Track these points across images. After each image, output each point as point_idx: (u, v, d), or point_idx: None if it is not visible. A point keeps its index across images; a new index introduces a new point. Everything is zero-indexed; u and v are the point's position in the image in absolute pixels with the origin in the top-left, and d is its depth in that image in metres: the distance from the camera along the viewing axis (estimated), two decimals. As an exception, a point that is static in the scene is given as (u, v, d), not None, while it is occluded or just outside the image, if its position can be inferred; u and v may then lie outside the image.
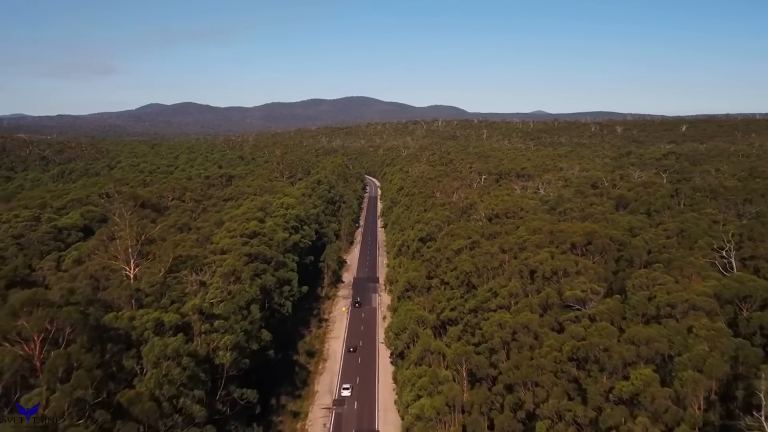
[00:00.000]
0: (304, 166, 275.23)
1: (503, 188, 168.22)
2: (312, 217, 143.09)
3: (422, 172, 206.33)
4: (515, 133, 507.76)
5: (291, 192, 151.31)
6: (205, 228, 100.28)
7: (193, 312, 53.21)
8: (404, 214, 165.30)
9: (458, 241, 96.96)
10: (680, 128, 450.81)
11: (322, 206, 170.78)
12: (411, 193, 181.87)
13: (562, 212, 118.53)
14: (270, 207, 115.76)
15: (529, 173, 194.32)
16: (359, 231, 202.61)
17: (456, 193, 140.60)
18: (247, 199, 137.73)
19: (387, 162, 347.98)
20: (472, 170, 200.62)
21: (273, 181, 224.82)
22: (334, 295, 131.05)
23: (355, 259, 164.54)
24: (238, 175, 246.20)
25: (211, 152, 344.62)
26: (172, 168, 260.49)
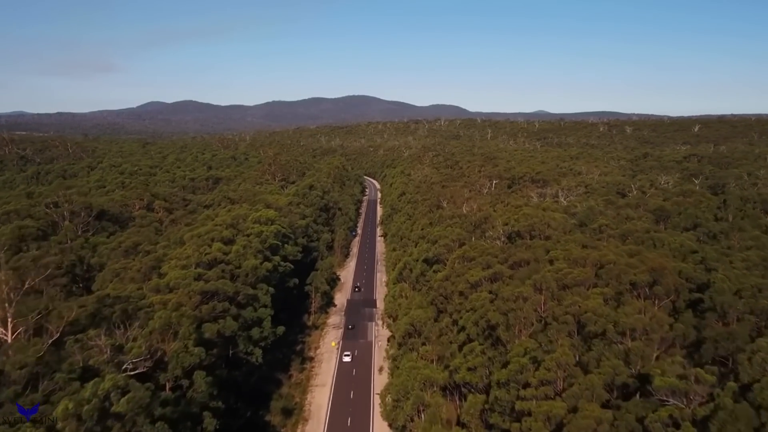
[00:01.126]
0: (298, 167, 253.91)
1: (518, 196, 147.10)
2: (300, 230, 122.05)
3: (426, 176, 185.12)
4: (520, 132, 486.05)
5: (276, 200, 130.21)
6: (158, 252, 79.02)
7: (65, 419, 32.21)
8: (406, 224, 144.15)
9: (475, 270, 75.87)
10: (692, 128, 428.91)
11: (314, 215, 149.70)
12: (413, 200, 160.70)
13: (597, 230, 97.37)
14: (243, 223, 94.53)
15: (544, 178, 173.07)
16: (356, 240, 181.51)
17: (467, 204, 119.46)
18: (222, 210, 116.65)
19: (388, 163, 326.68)
20: (482, 174, 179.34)
21: (262, 185, 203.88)
22: (323, 324, 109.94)
23: (350, 275, 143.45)
24: (226, 177, 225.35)
25: (202, 152, 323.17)
26: (157, 169, 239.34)
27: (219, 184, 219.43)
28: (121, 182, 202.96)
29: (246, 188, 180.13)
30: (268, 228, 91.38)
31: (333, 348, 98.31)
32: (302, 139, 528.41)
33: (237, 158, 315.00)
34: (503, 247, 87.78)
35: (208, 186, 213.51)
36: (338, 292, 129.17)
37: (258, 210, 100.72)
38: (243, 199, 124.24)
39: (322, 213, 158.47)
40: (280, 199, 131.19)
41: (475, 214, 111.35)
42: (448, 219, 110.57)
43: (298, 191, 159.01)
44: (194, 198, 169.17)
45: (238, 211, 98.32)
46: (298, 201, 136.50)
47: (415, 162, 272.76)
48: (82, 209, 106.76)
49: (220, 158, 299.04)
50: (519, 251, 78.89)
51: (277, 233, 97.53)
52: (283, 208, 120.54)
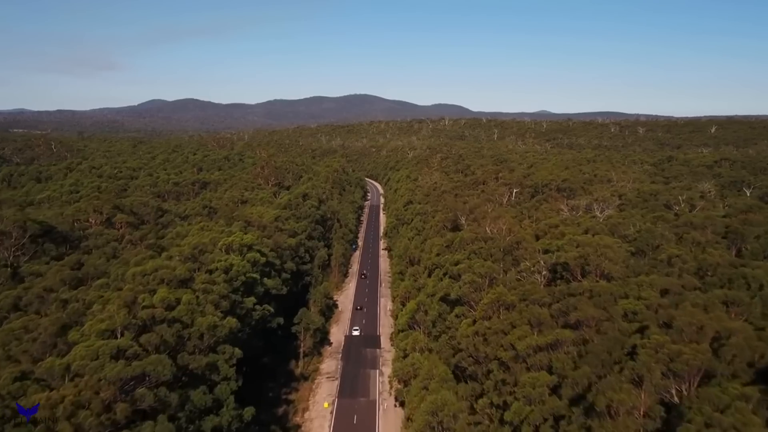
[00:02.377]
0: (294, 170, 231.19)
1: (546, 209, 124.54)
2: (288, 252, 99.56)
3: (435, 183, 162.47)
4: (528, 133, 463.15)
5: (261, 215, 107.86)
6: (75, 305, 56.02)
7: None
8: (415, 241, 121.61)
9: (520, 330, 53.56)
10: (709, 130, 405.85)
11: (308, 229, 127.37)
12: (423, 212, 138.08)
13: (666, 261, 74.92)
14: (211, 252, 71.94)
15: (570, 186, 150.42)
16: (357, 254, 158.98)
17: (491, 221, 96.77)
18: (195, 227, 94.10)
19: (391, 165, 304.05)
20: (500, 181, 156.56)
21: (253, 190, 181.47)
22: (315, 372, 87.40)
23: (348, 301, 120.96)
24: (215, 181, 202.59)
25: (194, 152, 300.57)
26: (140, 171, 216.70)
27: (206, 188, 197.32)
28: (97, 186, 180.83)
29: (232, 195, 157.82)
30: (240, 261, 68.77)
31: (326, 409, 75.97)
32: (302, 138, 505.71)
33: (231, 159, 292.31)
34: (551, 291, 65.24)
35: (194, 191, 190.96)
36: (335, 325, 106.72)
37: (231, 234, 77.98)
38: (223, 213, 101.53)
39: (317, 226, 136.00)
40: (265, 213, 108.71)
41: (504, 237, 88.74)
42: (470, 243, 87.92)
43: (290, 201, 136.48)
44: (172, 208, 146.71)
45: (201, 238, 75.62)
46: (287, 215, 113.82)
47: (422, 165, 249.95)
48: (13, 228, 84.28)
49: (212, 159, 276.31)
50: (580, 303, 56.19)
51: (254, 263, 75.06)
52: (267, 226, 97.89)
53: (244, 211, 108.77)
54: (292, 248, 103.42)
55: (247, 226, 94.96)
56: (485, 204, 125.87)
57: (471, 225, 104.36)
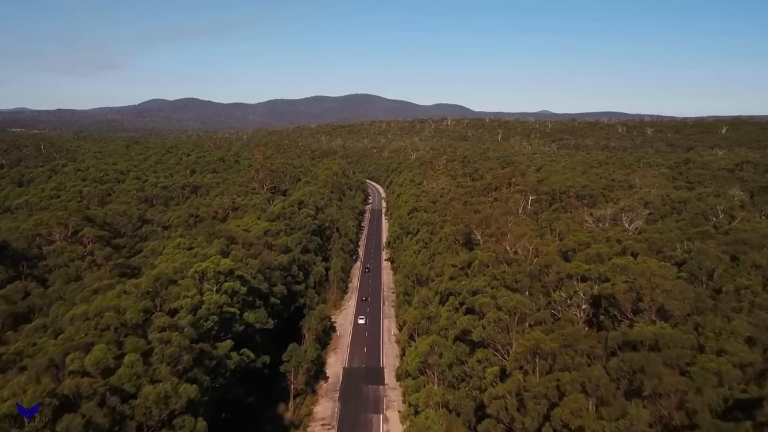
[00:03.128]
0: (292, 172, 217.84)
1: (569, 220, 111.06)
2: (279, 273, 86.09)
3: (443, 189, 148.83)
4: (533, 133, 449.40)
5: (248, 228, 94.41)
6: None
7: None
8: (422, 256, 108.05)
9: (574, 399, 40.10)
10: (719, 130, 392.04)
11: (303, 242, 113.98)
12: (430, 222, 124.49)
13: (733, 294, 61.36)
14: (175, 287, 58.28)
15: (590, 192, 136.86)
16: (357, 266, 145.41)
17: (513, 238, 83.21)
18: (171, 246, 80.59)
19: (393, 167, 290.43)
20: (513, 187, 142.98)
21: (246, 195, 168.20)
22: (307, 417, 73.80)
23: (348, 323, 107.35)
24: (206, 184, 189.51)
25: (188, 153, 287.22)
26: (128, 174, 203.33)
27: (197, 192, 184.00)
28: (79, 191, 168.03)
29: (222, 202, 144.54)
30: (212, 297, 55.25)
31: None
32: (302, 138, 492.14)
33: (226, 160, 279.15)
34: (601, 338, 51.78)
35: (183, 196, 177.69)
36: (332, 353, 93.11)
37: (207, 258, 64.27)
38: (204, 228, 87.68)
39: (314, 237, 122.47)
40: (253, 227, 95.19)
41: (529, 259, 75.22)
42: (490, 266, 74.37)
43: (284, 209, 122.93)
44: (156, 216, 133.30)
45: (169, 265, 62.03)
46: (279, 228, 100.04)
47: (425, 167, 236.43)
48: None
49: (206, 161, 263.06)
50: (649, 363, 42.59)
51: (234, 294, 61.56)
52: (255, 243, 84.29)
53: (229, 226, 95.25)
54: (283, 267, 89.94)
55: (230, 244, 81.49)
56: (500, 214, 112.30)
57: (487, 241, 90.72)
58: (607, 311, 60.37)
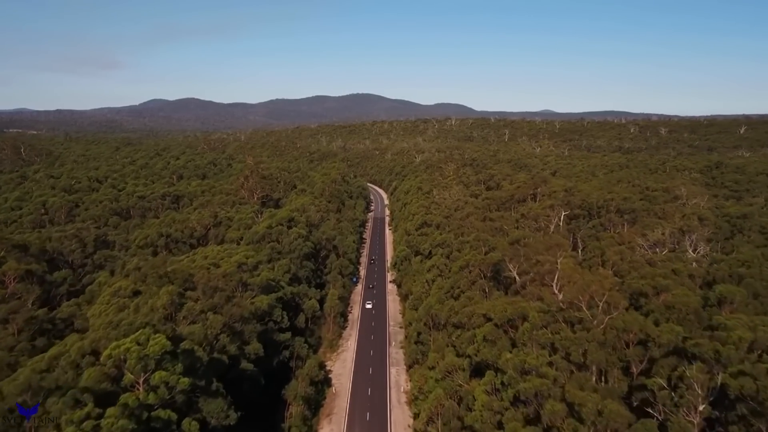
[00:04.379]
0: (287, 179, 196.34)
1: (615, 243, 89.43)
2: (252, 326, 64.52)
3: (457, 201, 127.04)
4: (540, 133, 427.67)
5: (220, 258, 72.86)
6: None
7: None
8: (437, 290, 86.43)
9: None
10: (737, 130, 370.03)
11: (292, 270, 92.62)
12: (445, 243, 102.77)
13: None
14: (59, 400, 36.74)
15: (632, 206, 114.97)
16: (358, 290, 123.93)
17: (563, 279, 61.73)
18: (106, 295, 59.08)
19: (397, 170, 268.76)
20: (539, 198, 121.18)
21: (233, 207, 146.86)
22: None
23: (347, 372, 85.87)
24: (190, 193, 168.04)
25: (177, 157, 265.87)
26: (105, 182, 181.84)
27: (180, 203, 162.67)
28: (43, 203, 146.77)
29: (201, 217, 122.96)
30: (115, 424, 33.67)
31: None
32: (301, 139, 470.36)
33: (218, 164, 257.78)
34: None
35: (164, 207, 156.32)
36: (325, 421, 71.66)
37: (132, 338, 42.33)
38: (151, 268, 65.58)
39: (306, 262, 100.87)
40: (225, 260, 73.54)
41: (598, 316, 53.62)
42: (542, 327, 52.72)
43: (270, 228, 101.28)
44: (119, 237, 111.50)
45: (71, 346, 40.48)
46: (258, 260, 77.93)
47: (432, 171, 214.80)
48: None
49: (195, 164, 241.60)
50: None
51: (171, 388, 40.06)
52: (220, 288, 62.51)
53: (195, 257, 73.54)
54: (261, 314, 68.47)
55: (187, 290, 59.94)
56: (535, 237, 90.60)
57: (526, 279, 69.05)
58: (742, 416, 38.74)
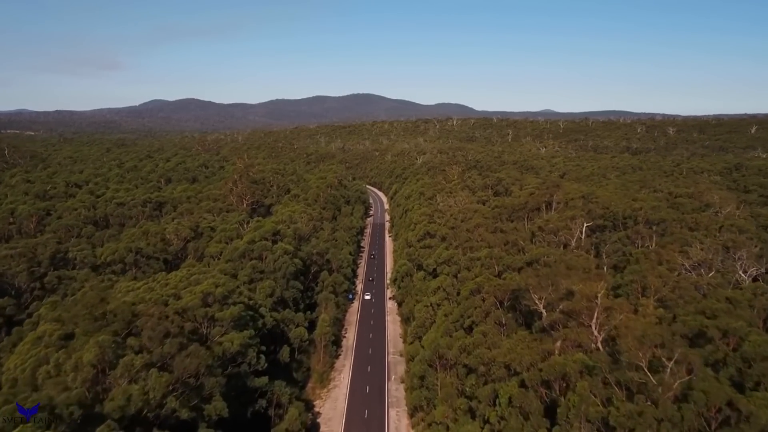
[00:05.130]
0: (280, 182, 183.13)
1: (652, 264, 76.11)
2: (216, 379, 51.19)
3: (466, 210, 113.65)
4: (545, 133, 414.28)
5: (181, 287, 59.62)
6: None
7: None
8: (443, 318, 73.18)
9: None
10: (748, 130, 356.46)
11: (276, 294, 79.48)
12: (452, 260, 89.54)
13: None
14: None
15: (662, 218, 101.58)
16: (354, 309, 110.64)
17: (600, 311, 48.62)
18: (29, 340, 45.87)
19: (398, 173, 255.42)
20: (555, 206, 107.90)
21: (219, 214, 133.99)
22: None
23: (338, 416, 72.49)
24: (175, 199, 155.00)
25: (168, 159, 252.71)
26: (83, 186, 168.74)
27: (163, 210, 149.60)
28: (11, 211, 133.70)
29: (179, 228, 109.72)
30: None
31: None
32: (300, 139, 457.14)
33: (210, 166, 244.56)
34: None
35: (144, 215, 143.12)
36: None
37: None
38: (85, 305, 52.30)
39: (293, 282, 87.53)
40: (189, 292, 60.09)
41: (665, 381, 40.29)
42: (589, 395, 39.38)
43: (252, 244, 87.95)
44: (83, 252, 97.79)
45: None
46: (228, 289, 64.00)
47: (435, 174, 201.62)
48: None
49: (186, 167, 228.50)
50: None
51: None
52: (172, 335, 49.11)
53: (145, 292, 60.12)
54: (231, 358, 55.26)
55: (128, 336, 46.67)
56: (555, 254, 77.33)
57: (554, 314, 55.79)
58: None
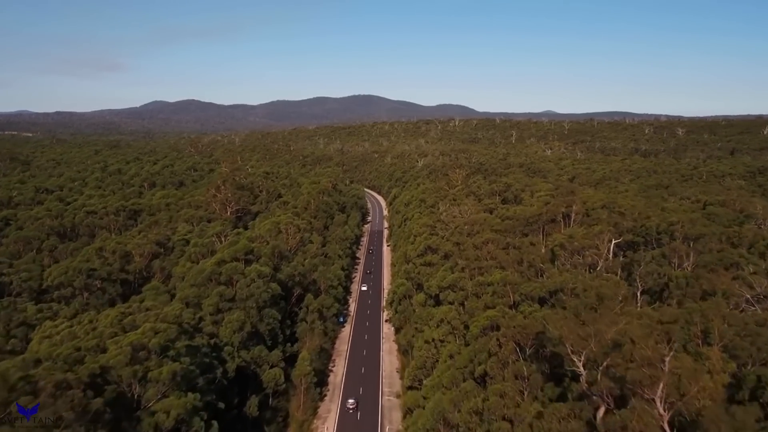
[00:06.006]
0: (270, 187, 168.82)
1: (714, 293, 61.68)
2: None
3: (471, 223, 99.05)
4: (549, 134, 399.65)
5: (106, 338, 45.21)
6: None
7: None
8: (449, 376, 58.54)
9: None
10: (760, 131, 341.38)
11: (245, 331, 65.18)
12: (459, 285, 75.08)
13: None
14: None
15: (699, 231, 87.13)
16: (345, 334, 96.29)
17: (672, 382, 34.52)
18: None
19: (397, 176, 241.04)
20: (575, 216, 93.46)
21: (198, 224, 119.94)
22: None
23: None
24: (153, 206, 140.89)
25: (155, 162, 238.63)
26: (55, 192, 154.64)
27: (138, 218, 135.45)
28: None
29: (145, 242, 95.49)
30: None
31: None
32: (298, 140, 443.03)
33: (199, 169, 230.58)
34: None
35: (117, 225, 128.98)
36: None
37: None
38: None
39: (269, 311, 72.96)
40: (114, 344, 45.55)
41: None
42: None
43: (219, 266, 73.52)
44: (19, 277, 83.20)
45: None
46: (168, 337, 48.67)
47: (437, 177, 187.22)
48: None
49: (172, 171, 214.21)
50: None
51: None
52: (61, 419, 34.88)
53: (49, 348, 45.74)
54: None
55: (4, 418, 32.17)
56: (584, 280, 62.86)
57: (596, 372, 41.35)
58: None
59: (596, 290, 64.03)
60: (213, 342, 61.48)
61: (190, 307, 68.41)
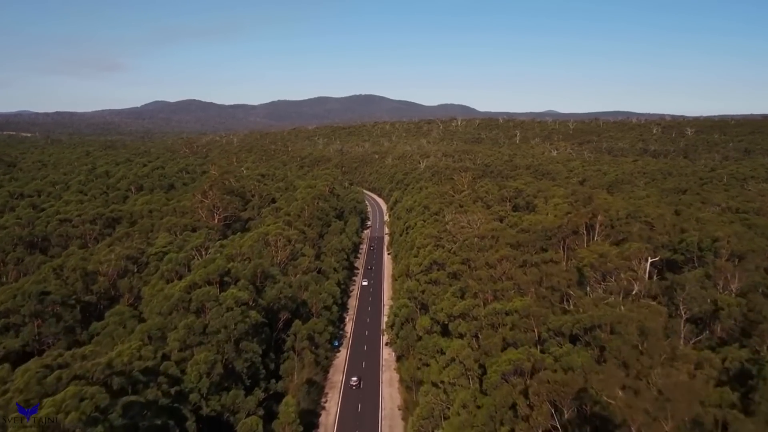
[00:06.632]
0: (264, 190, 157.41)
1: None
2: None
3: (483, 235, 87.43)
4: (554, 134, 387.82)
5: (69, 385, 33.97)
6: None
7: None
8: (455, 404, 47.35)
9: None
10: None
11: (215, 373, 53.73)
12: (471, 313, 63.58)
13: None
14: None
15: (747, 247, 75.64)
16: (340, 361, 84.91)
17: None
18: None
19: (399, 178, 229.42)
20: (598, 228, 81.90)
21: (181, 234, 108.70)
22: None
23: None
24: (134, 213, 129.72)
25: (145, 163, 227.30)
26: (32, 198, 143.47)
27: (117, 227, 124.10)
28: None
29: (115, 257, 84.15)
30: None
31: None
32: (297, 141, 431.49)
33: (190, 171, 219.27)
34: None
35: (94, 234, 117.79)
36: None
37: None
38: None
39: (248, 343, 61.48)
40: (47, 405, 34.16)
41: None
42: None
43: (189, 291, 62.08)
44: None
45: None
46: (90, 408, 37.88)
47: (442, 181, 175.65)
48: None
49: (161, 173, 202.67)
50: None
51: None
52: None
53: None
54: None
55: None
56: (622, 313, 51.40)
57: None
58: None
59: (638, 323, 52.71)
60: (175, 391, 50.02)
61: (153, 342, 57.20)
